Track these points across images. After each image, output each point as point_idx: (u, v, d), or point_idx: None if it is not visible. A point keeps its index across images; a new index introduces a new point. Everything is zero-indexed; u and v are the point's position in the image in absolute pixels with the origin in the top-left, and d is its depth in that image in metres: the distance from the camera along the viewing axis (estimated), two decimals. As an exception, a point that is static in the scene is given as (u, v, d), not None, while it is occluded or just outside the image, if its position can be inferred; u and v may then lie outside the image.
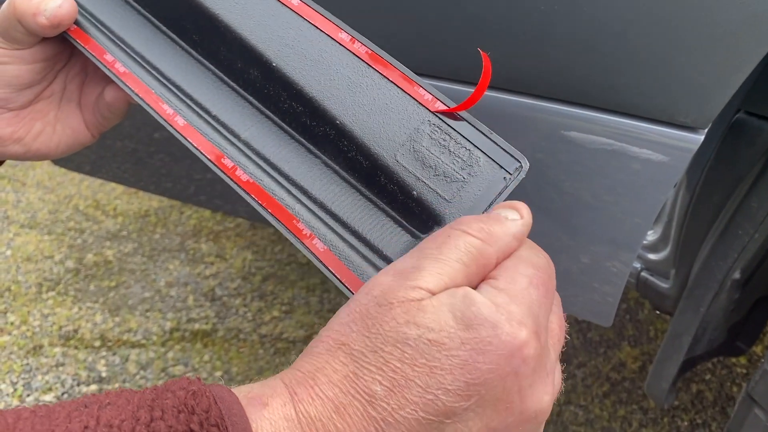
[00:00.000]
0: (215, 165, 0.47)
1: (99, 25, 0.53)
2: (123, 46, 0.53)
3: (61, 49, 0.53)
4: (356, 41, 0.47)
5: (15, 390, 1.51)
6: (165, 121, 0.49)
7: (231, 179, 0.46)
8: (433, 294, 0.34)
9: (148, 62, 0.52)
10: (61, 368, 1.58)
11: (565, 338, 0.38)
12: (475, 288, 0.35)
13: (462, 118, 0.44)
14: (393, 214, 0.45)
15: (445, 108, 0.44)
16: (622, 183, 0.67)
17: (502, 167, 0.42)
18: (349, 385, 0.33)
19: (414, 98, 0.44)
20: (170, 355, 1.61)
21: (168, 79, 0.51)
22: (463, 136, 0.43)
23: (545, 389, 0.34)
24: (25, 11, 0.47)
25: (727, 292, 0.82)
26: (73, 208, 2.15)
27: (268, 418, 0.32)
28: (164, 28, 0.54)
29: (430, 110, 0.44)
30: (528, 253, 0.37)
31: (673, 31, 0.56)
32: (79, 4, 0.53)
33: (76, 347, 1.64)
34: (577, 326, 1.69)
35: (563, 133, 0.67)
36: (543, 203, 0.74)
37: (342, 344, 0.34)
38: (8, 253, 1.95)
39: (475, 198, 0.42)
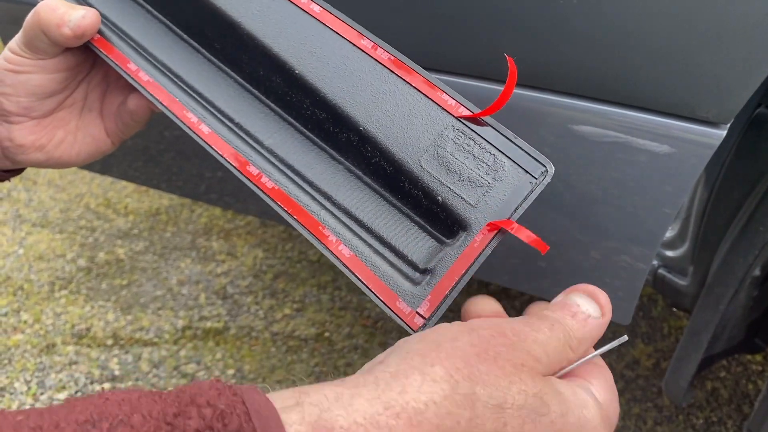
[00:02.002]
0: (241, 173, 0.47)
1: (121, 34, 0.53)
2: (145, 54, 0.53)
3: (83, 59, 0.54)
4: (378, 48, 0.47)
5: (29, 388, 1.52)
6: (190, 129, 0.49)
7: (256, 186, 0.46)
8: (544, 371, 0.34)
9: (169, 70, 0.52)
10: (74, 366, 1.59)
11: None
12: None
13: (486, 123, 0.43)
14: (418, 219, 0.45)
15: (468, 113, 0.44)
16: (639, 179, 0.66)
17: (527, 172, 0.42)
18: None
19: (437, 103, 0.44)
20: (182, 353, 1.62)
21: (190, 87, 0.51)
22: (488, 141, 0.43)
23: None
24: (49, 22, 0.48)
25: (747, 289, 0.81)
26: (85, 206, 2.16)
27: None
28: (185, 36, 0.54)
29: (453, 115, 0.44)
30: (613, 383, 0.38)
31: (695, 25, 0.55)
32: (101, 14, 0.54)
33: (88, 345, 1.64)
34: (590, 323, 1.68)
35: (575, 127, 0.66)
36: (553, 198, 0.73)
37: (467, 379, 0.30)
38: (20, 251, 1.96)
39: (501, 203, 0.42)
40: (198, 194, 1.19)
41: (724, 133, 0.59)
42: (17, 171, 0.57)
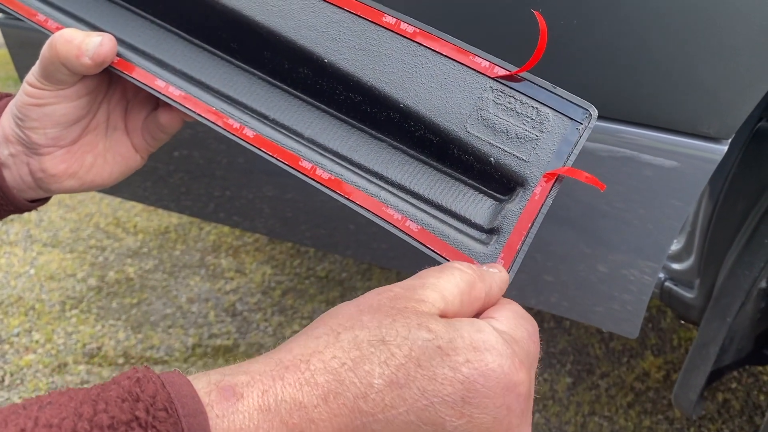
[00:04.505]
0: (295, 169, 0.47)
1: (137, 51, 0.53)
2: (165, 67, 0.53)
3: (100, 81, 0.54)
4: (402, 22, 0.47)
5: (41, 408, 1.53)
6: (235, 136, 0.49)
7: (313, 180, 0.46)
8: (440, 311, 0.36)
9: (193, 79, 0.52)
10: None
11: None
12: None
13: (523, 79, 0.44)
14: (471, 182, 0.45)
15: (505, 72, 0.44)
16: (645, 193, 0.67)
17: (572, 119, 0.43)
18: (345, 373, 0.32)
19: (471, 68, 0.45)
20: (193, 371, 1.62)
21: (217, 92, 0.51)
22: (528, 96, 0.43)
23: None
24: (67, 54, 0.48)
25: (754, 301, 0.81)
26: (94, 226, 2.18)
27: (242, 411, 0.30)
28: (198, 41, 0.54)
29: (489, 77, 0.44)
30: (523, 313, 0.39)
31: (696, 42, 0.56)
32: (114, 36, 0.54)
33: (100, 364, 1.65)
34: (599, 336, 1.67)
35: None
36: (560, 212, 0.74)
37: (348, 329, 0.33)
38: (32, 271, 1.98)
39: (553, 153, 0.42)
40: (207, 214, 1.21)
41: (726, 148, 0.60)
42: (43, 200, 0.58)
